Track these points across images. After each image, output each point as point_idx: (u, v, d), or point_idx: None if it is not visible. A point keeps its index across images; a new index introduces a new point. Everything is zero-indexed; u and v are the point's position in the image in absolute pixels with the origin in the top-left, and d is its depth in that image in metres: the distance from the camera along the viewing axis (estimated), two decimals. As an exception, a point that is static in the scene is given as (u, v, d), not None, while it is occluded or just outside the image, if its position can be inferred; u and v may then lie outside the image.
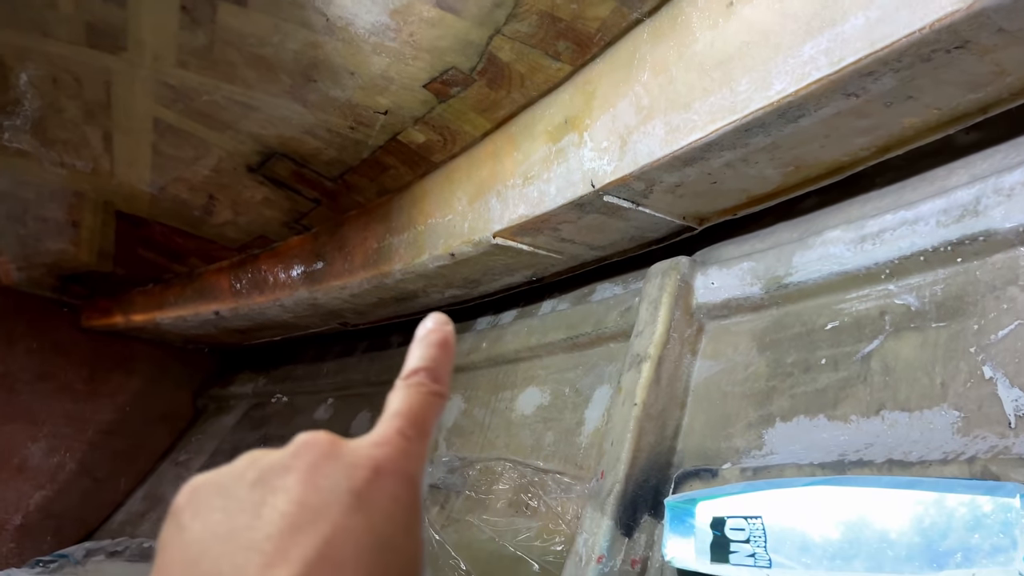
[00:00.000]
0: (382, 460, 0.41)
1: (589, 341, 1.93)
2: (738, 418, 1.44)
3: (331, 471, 0.38)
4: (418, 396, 0.46)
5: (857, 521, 1.06)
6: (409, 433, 0.44)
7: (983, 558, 0.91)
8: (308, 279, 2.48)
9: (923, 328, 1.20)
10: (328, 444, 0.41)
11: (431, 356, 0.48)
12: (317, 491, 0.37)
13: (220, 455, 2.99)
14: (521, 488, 1.84)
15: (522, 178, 1.76)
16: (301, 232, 2.51)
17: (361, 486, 0.38)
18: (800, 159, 1.37)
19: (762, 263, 1.52)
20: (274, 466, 0.39)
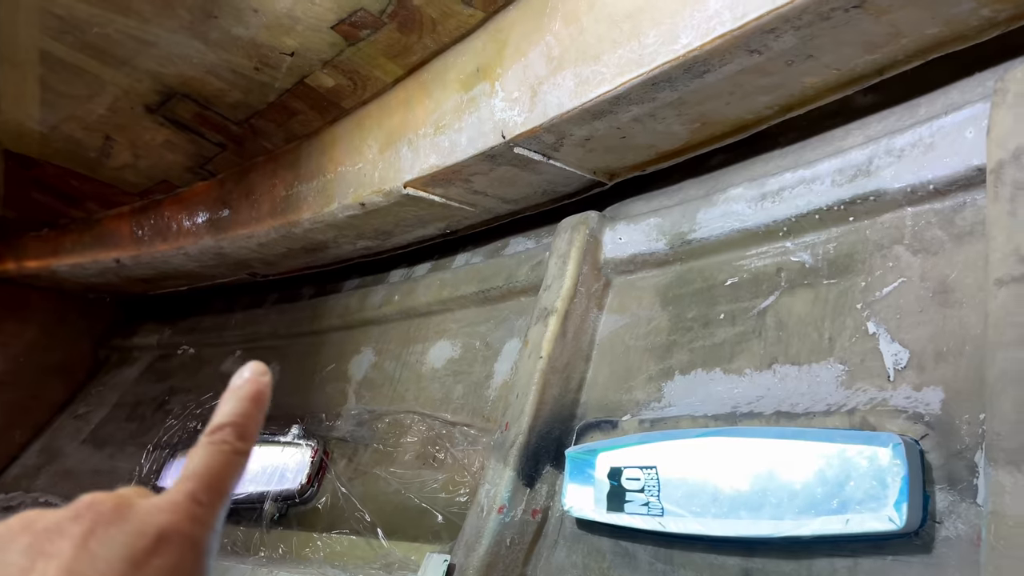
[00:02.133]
0: (166, 527, 0.38)
1: (501, 295, 1.92)
2: (640, 371, 1.47)
3: (109, 537, 0.36)
4: (219, 456, 0.43)
5: (745, 470, 1.09)
6: (201, 498, 0.41)
7: (857, 504, 0.95)
8: (214, 227, 2.39)
9: (815, 285, 1.24)
10: (112, 507, 0.38)
11: (240, 411, 0.46)
12: (91, 559, 0.35)
13: (121, 408, 2.89)
14: (429, 440, 1.84)
15: (434, 127, 1.72)
16: (206, 178, 2.41)
17: (139, 555, 0.36)
18: (706, 116, 1.38)
19: (668, 219, 1.53)
20: (49, 529, 0.37)
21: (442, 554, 1.39)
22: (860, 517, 0.94)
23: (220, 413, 0.45)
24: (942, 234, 1.07)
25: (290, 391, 2.40)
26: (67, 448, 2.84)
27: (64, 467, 2.76)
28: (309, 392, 2.32)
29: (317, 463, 2.01)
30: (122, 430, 2.77)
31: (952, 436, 0.94)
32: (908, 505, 0.90)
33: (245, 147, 2.20)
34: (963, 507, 0.90)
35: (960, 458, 0.92)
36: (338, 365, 2.30)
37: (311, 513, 1.96)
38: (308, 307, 2.59)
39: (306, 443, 2.08)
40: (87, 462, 2.73)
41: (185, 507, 0.40)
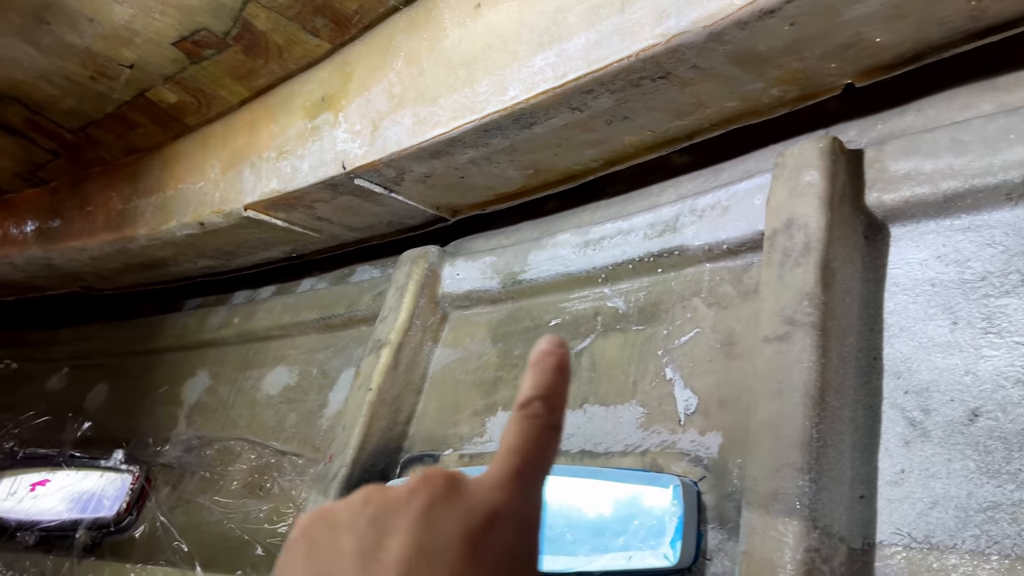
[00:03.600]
0: (499, 505, 0.38)
1: (342, 323, 1.91)
2: (466, 406, 1.50)
3: (448, 514, 0.36)
4: (534, 431, 0.42)
5: (546, 507, 1.14)
6: (526, 474, 0.40)
7: (639, 542, 1.01)
8: (42, 237, 2.25)
9: (626, 330, 1.31)
10: (444, 484, 0.38)
11: (547, 383, 0.44)
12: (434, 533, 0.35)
13: (-73, 426, 2.65)
14: (257, 469, 1.80)
15: (277, 151, 1.70)
16: (38, 184, 2.28)
17: (477, 534, 0.36)
18: (538, 163, 1.44)
19: (503, 258, 1.59)
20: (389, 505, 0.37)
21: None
22: (641, 554, 1.00)
23: (527, 386, 0.44)
24: (732, 290, 1.17)
25: (117, 413, 2.29)
26: None
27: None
28: (138, 415, 2.22)
29: (138, 490, 1.92)
30: (-75, 450, 2.54)
31: (725, 479, 1.02)
32: (682, 543, 0.97)
33: (81, 156, 2.10)
34: (729, 545, 0.98)
35: (731, 500, 1.00)
36: (171, 387, 2.22)
37: (127, 543, 1.87)
38: (145, 325, 2.47)
39: (128, 468, 1.98)
40: None
41: (513, 485, 0.39)
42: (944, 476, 0.85)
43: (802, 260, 0.97)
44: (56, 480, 2.10)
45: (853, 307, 0.98)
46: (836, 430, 0.90)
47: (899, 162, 1.00)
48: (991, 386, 0.85)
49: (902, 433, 0.90)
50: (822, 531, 0.83)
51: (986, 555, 0.78)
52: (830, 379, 0.91)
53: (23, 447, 2.31)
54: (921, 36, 0.98)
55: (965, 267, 0.93)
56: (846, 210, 1.01)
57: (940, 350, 0.91)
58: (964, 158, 0.94)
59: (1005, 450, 0.82)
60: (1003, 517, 0.79)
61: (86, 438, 2.24)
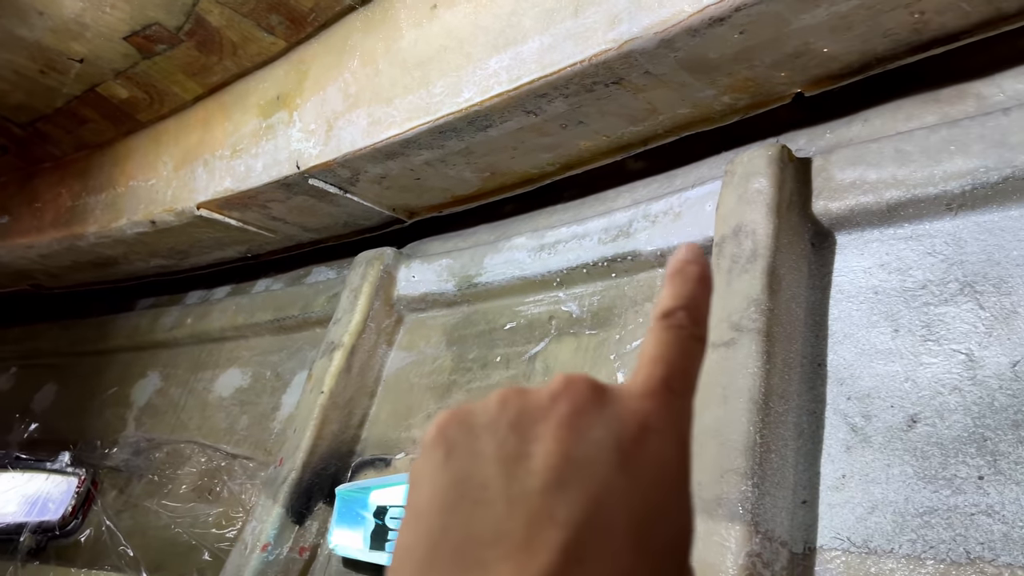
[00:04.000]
0: (650, 415, 0.34)
1: (296, 324, 1.89)
2: (420, 409, 1.49)
3: (595, 422, 0.33)
4: (679, 341, 0.37)
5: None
6: (675, 385, 0.36)
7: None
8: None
9: (579, 334, 1.31)
10: (590, 390, 0.34)
11: (690, 294, 0.38)
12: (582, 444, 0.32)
13: None
14: (207, 473, 1.76)
15: (231, 150, 1.68)
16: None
17: (628, 444, 0.33)
18: (494, 166, 1.44)
19: (459, 261, 1.58)
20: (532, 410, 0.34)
21: (199, 594, 1.33)
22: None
23: (667, 296, 0.38)
24: (683, 296, 1.17)
25: (66, 414, 2.24)
26: None
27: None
28: (86, 416, 2.17)
29: (84, 494, 1.88)
30: None
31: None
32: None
33: (30, 152, 2.05)
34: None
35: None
36: (121, 389, 2.17)
37: (72, 547, 1.82)
38: (95, 325, 2.42)
39: (75, 471, 1.94)
40: None
41: (663, 396, 0.35)
42: (883, 481, 0.86)
43: (749, 267, 0.97)
44: (0, 482, 2.04)
45: (799, 313, 0.99)
46: (780, 436, 0.90)
47: (845, 171, 1.01)
48: (929, 392, 0.87)
49: (844, 439, 0.91)
50: (764, 536, 0.84)
51: (922, 559, 0.79)
52: (775, 385, 0.92)
53: (-34, 449, 2.24)
54: (867, 47, 1.00)
55: (907, 275, 0.95)
56: (793, 218, 1.02)
57: (882, 357, 0.93)
58: (907, 168, 0.95)
59: (941, 456, 0.83)
60: (939, 522, 0.80)
61: (33, 440, 2.19)
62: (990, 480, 0.79)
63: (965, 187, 0.90)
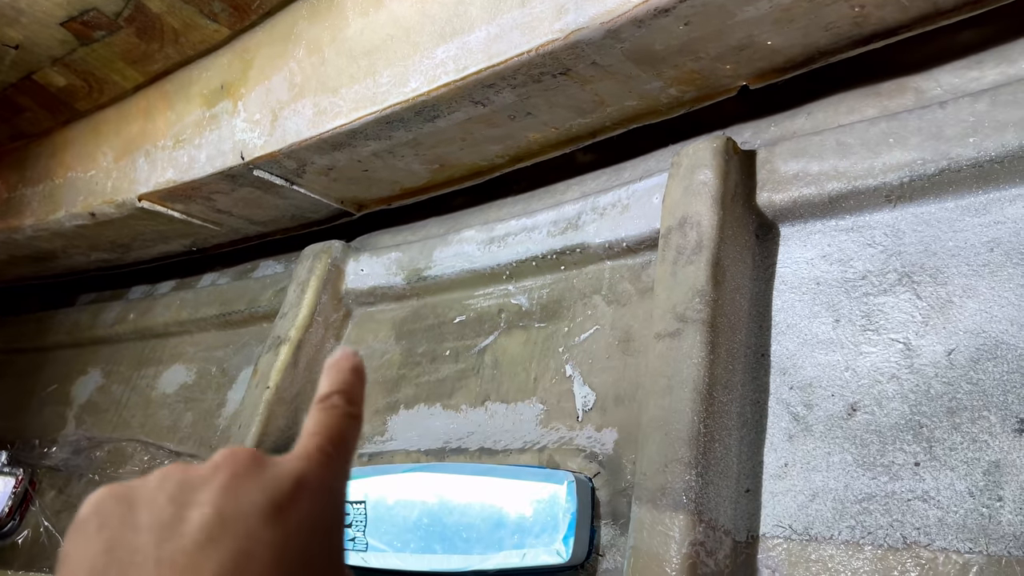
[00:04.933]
0: (305, 473, 0.37)
1: (242, 319, 1.85)
2: (369, 404, 1.47)
3: (252, 486, 0.35)
4: (334, 417, 0.42)
5: (443, 505, 1.12)
6: (329, 449, 0.40)
7: (533, 538, 1.01)
8: (-82, 226, 2.10)
9: (528, 327, 1.31)
10: (249, 458, 0.37)
11: (344, 380, 0.44)
12: (236, 503, 0.34)
13: None
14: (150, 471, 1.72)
15: (173, 140, 1.63)
16: (-86, 170, 2.13)
17: (282, 499, 0.35)
18: (443, 158, 1.43)
19: (408, 254, 1.56)
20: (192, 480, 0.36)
21: (139, 596, 1.29)
22: (534, 551, 0.99)
23: (324, 384, 0.44)
24: (631, 288, 1.18)
25: (2, 413, 2.16)
26: None
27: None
28: (24, 415, 2.10)
29: (21, 494, 1.82)
30: None
31: (619, 475, 1.03)
32: (575, 539, 0.97)
33: (-39, 140, 1.97)
34: (621, 541, 0.98)
35: (623, 495, 1.01)
36: (60, 386, 2.10)
37: (9, 549, 1.76)
38: (33, 320, 2.34)
39: (11, 471, 1.87)
40: None
41: (317, 457, 0.39)
42: (824, 469, 0.87)
43: (694, 258, 0.98)
44: (-70, 485, 1.96)
45: (743, 304, 1.00)
46: (724, 425, 0.91)
47: (788, 163, 1.02)
48: (868, 381, 0.88)
49: (787, 428, 0.92)
50: (707, 525, 0.84)
51: (860, 545, 0.80)
52: (719, 375, 0.92)
53: None
54: (810, 41, 1.01)
55: (848, 266, 0.96)
56: (738, 209, 1.03)
57: (823, 347, 0.94)
58: (848, 160, 0.96)
59: (880, 443, 0.84)
60: (876, 508, 0.81)
61: (-34, 440, 2.11)
62: (926, 466, 0.81)
63: (903, 179, 0.92)
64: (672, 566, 0.81)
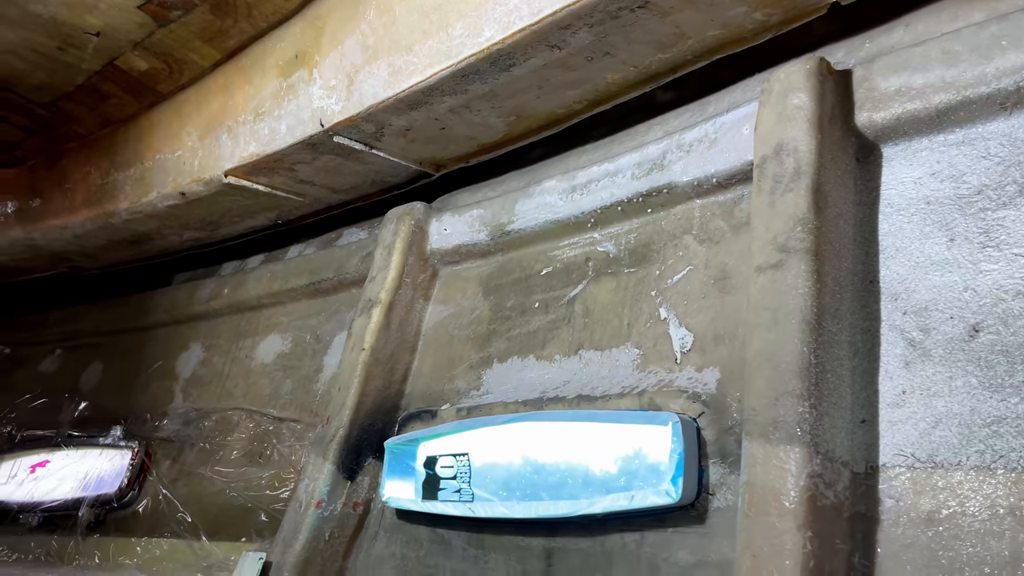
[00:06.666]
0: None
1: (332, 287, 1.89)
2: (462, 360, 1.48)
3: None
4: None
5: (547, 453, 1.13)
6: None
7: (640, 481, 1.00)
8: (23, 217, 2.21)
9: (618, 273, 1.29)
10: None
11: None
12: None
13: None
14: (256, 437, 1.79)
15: (253, 114, 1.66)
16: (15, 164, 2.23)
17: None
18: (520, 109, 1.41)
19: (490, 210, 1.56)
20: None
21: (258, 552, 1.35)
22: (643, 493, 0.99)
23: None
24: (724, 225, 1.14)
25: (113, 391, 2.27)
26: None
27: None
28: (133, 391, 2.20)
29: (138, 465, 1.91)
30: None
31: (724, 413, 1.01)
32: (684, 479, 0.96)
33: (55, 131, 2.05)
34: (732, 479, 0.96)
35: (730, 434, 0.99)
36: (165, 362, 2.20)
37: (130, 518, 1.86)
38: (134, 302, 2.45)
39: (127, 445, 1.97)
40: None
41: None
42: (946, 394, 0.83)
43: (793, 185, 0.94)
44: (56, 460, 2.09)
45: (847, 230, 0.96)
46: (835, 355, 0.88)
47: (888, 79, 0.97)
48: (991, 300, 0.83)
49: (902, 354, 0.88)
50: (824, 456, 0.82)
51: (992, 469, 0.77)
52: (826, 304, 0.89)
53: (21, 430, 2.30)
54: (907, -55, 0.94)
55: (960, 182, 0.91)
56: (836, 132, 0.98)
57: (938, 268, 0.89)
58: (956, 69, 0.91)
59: (1008, 363, 0.80)
60: (1008, 431, 0.77)
61: (83, 418, 2.23)
62: (1061, 384, 0.76)
63: (1020, 83, 0.86)
64: (790, 499, 0.80)
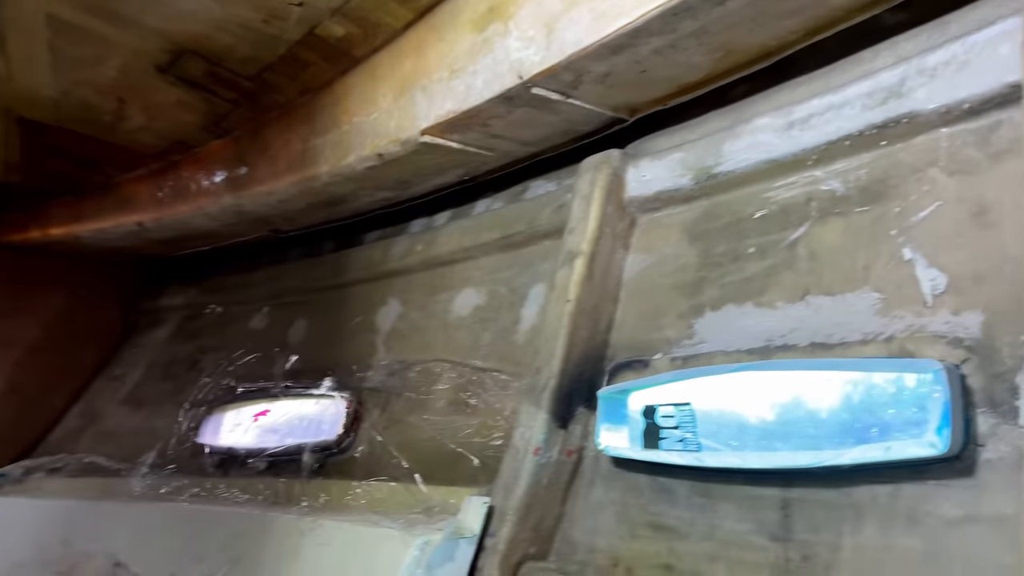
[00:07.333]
0: None
1: (524, 240, 1.91)
2: (669, 310, 1.46)
3: None
4: None
5: (782, 403, 1.09)
6: None
7: (897, 431, 0.95)
8: (232, 185, 2.38)
9: (847, 213, 1.21)
10: None
11: None
12: None
13: (155, 368, 2.94)
14: (460, 387, 1.85)
15: (448, 71, 1.69)
16: (221, 136, 2.40)
17: None
18: (729, 44, 1.34)
19: (692, 153, 1.51)
20: None
21: (481, 496, 1.41)
22: (901, 444, 0.94)
23: None
24: (978, 154, 1.05)
25: (319, 345, 2.43)
26: (106, 409, 2.90)
27: (105, 428, 2.82)
28: (337, 345, 2.34)
29: (352, 413, 2.04)
30: (158, 390, 2.82)
31: (993, 359, 0.93)
32: (950, 430, 0.90)
33: (258, 102, 2.18)
34: (1004, 429, 0.89)
35: (1002, 381, 0.91)
36: (365, 317, 2.31)
37: (349, 462, 1.99)
38: (331, 261, 2.59)
39: (339, 394, 2.10)
40: (127, 422, 2.79)
41: None
42: None
43: (1083, 105, 0.84)
44: (275, 410, 2.27)
45: None
46: None
47: None
48: None
49: None
50: None
51: None
52: None
53: (239, 383, 2.51)
54: None
55: None
56: None
57: None
58: None
59: None
60: None
61: (294, 370, 2.40)
62: None
63: None
64: (1098, 452, 0.73)
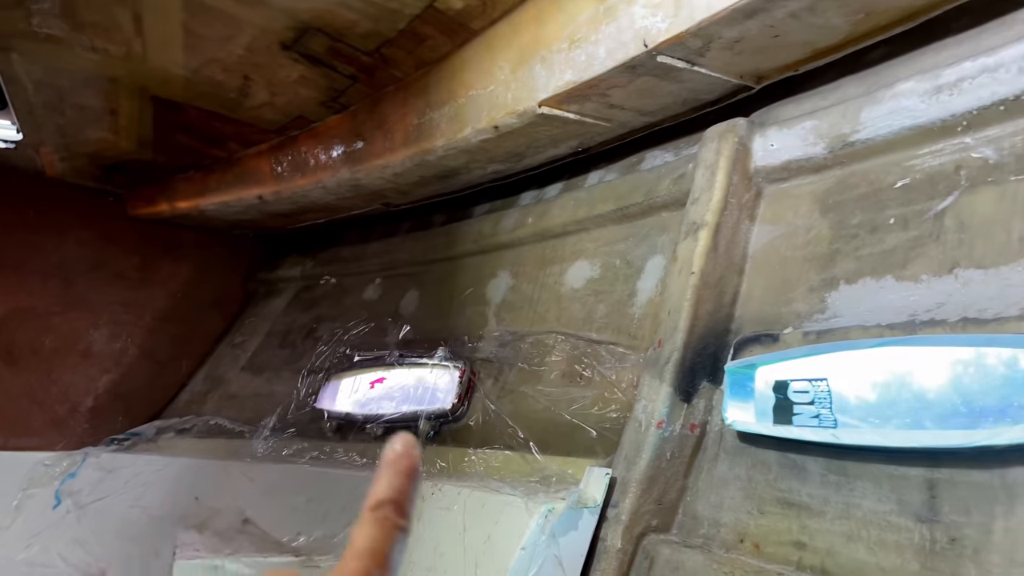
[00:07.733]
0: None
1: (640, 211, 1.89)
2: (799, 282, 1.42)
3: None
4: (383, 532, 0.46)
5: (930, 380, 1.05)
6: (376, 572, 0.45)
7: (1064, 412, 0.89)
8: (349, 159, 2.44)
9: (1002, 181, 1.14)
10: None
11: (398, 486, 0.47)
12: None
13: (274, 336, 3.06)
14: (574, 359, 1.85)
15: (568, 41, 1.67)
16: (339, 111, 2.46)
17: None
18: (871, 5, 1.28)
19: (826, 121, 1.45)
20: None
21: (603, 468, 1.41)
22: (1068, 426, 0.88)
23: (378, 488, 0.48)
24: None
25: (431, 316, 2.47)
26: (228, 375, 3.05)
27: (228, 392, 2.97)
28: (449, 316, 2.38)
29: (466, 383, 2.07)
30: (276, 357, 2.94)
31: None
32: None
33: (375, 77, 2.22)
34: None
35: None
36: (475, 289, 2.34)
37: (464, 430, 2.03)
38: (441, 234, 2.63)
39: (453, 364, 2.14)
40: (248, 387, 2.93)
41: None
42: None
43: None
44: (391, 378, 2.33)
45: None
46: None
47: None
48: None
49: None
50: None
51: None
52: None
53: (355, 351, 2.59)
54: None
55: None
56: None
57: None
58: None
59: None
60: None
61: (407, 340, 2.46)
62: None
63: None
64: None
